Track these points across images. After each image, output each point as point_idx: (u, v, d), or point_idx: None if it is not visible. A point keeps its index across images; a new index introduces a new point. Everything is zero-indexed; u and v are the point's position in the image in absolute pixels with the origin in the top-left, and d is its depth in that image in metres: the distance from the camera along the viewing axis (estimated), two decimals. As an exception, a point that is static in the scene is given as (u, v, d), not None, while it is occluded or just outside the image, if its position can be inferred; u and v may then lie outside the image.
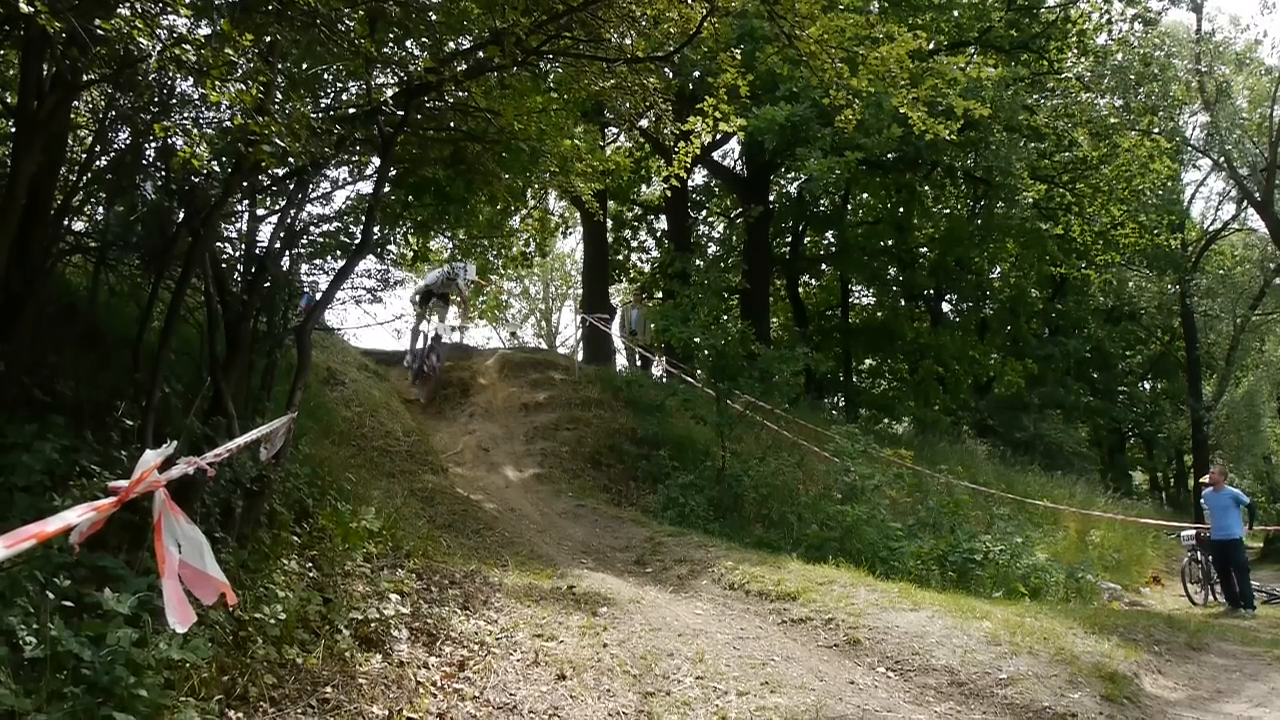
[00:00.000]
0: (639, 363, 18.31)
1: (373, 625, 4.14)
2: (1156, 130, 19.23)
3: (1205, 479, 13.55)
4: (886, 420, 24.76)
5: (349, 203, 7.50)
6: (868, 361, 28.08)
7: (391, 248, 9.34)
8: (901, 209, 23.99)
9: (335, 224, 7.05)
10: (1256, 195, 19.80)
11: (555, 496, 9.60)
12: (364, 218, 6.26)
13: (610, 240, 24.09)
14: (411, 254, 14.71)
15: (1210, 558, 12.95)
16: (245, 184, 5.24)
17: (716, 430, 10.65)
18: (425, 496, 7.33)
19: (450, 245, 18.73)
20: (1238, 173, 20.53)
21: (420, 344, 13.30)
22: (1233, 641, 7.65)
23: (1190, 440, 27.67)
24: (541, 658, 4.32)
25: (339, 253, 6.65)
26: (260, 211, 5.82)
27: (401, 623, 4.21)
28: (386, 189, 6.74)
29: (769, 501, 9.97)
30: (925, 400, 24.54)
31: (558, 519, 8.75)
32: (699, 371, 14.17)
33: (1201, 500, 13.00)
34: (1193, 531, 13.81)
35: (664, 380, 16.57)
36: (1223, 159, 20.76)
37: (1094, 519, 13.96)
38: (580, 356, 19.64)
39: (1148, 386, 29.95)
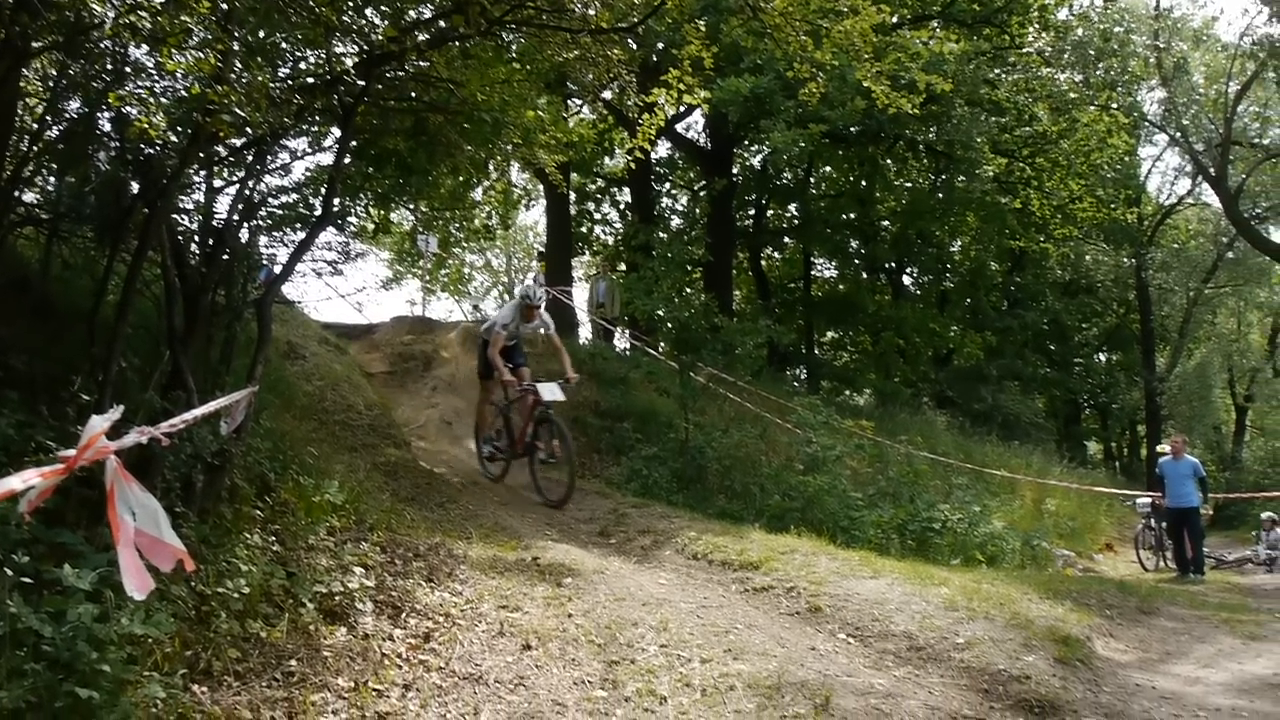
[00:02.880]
0: (605, 335, 18.30)
1: (337, 598, 4.14)
2: (1115, 105, 19.46)
3: (1163, 447, 13.90)
4: (848, 392, 25.05)
5: (309, 174, 7.39)
6: (830, 334, 28.32)
7: (352, 220, 9.23)
8: (864, 182, 24.13)
9: (295, 196, 6.96)
10: (1211, 170, 20.13)
11: (518, 469, 9.61)
12: (324, 189, 6.19)
13: (574, 213, 23.98)
14: (373, 226, 14.55)
15: (1163, 525, 13.32)
16: (203, 155, 5.16)
17: (680, 402, 10.72)
18: (388, 470, 7.31)
19: (412, 217, 18.57)
20: (1193, 148, 20.84)
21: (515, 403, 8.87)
22: (1182, 605, 7.89)
23: (1144, 411, 28.27)
24: (507, 628, 4.35)
25: (299, 225, 6.57)
26: (218, 183, 5.72)
27: (366, 595, 4.22)
28: (347, 160, 6.65)
29: (732, 472, 10.08)
30: (886, 372, 24.85)
31: (522, 491, 8.78)
32: (662, 344, 14.21)
33: (1158, 468, 13.32)
34: (1148, 499, 14.17)
35: (628, 353, 16.58)
36: (1179, 134, 21.05)
37: (1050, 488, 14.26)
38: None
39: (1103, 358, 30.47)
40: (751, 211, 25.34)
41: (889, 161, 23.07)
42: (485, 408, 9.31)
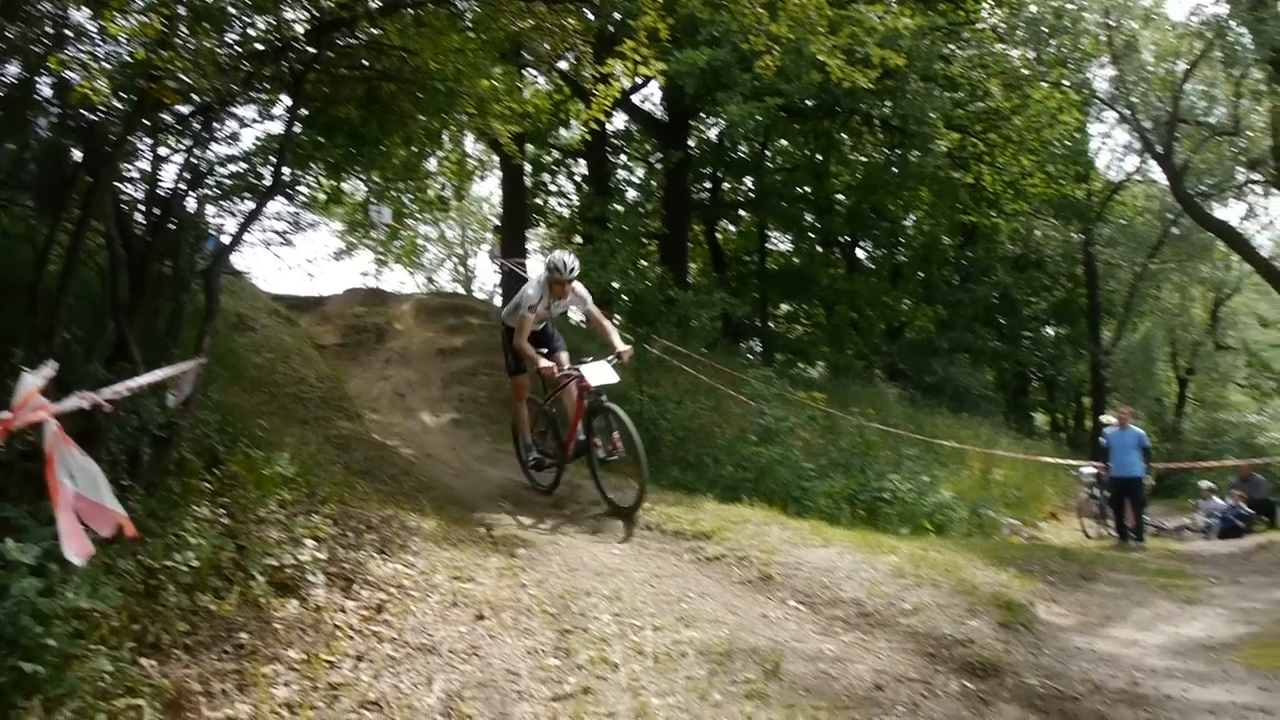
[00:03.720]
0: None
1: (288, 571, 4.12)
2: (1066, 83, 19.70)
3: (1108, 418, 14.25)
4: (802, 364, 25.27)
5: (259, 143, 7.27)
6: (784, 306, 28.50)
7: (303, 190, 9.09)
8: (819, 156, 24.22)
9: (244, 165, 6.84)
10: (1158, 148, 20.49)
11: (473, 441, 9.60)
12: (274, 158, 6.09)
13: (529, 185, 23.81)
14: (325, 197, 14.33)
15: (1107, 494, 13.69)
16: (148, 122, 5.04)
17: (634, 374, 10.75)
18: (340, 443, 7.26)
19: (364, 188, 18.32)
20: (1141, 126, 21.19)
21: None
22: (1122, 571, 8.14)
23: (1089, 383, 28.91)
24: (460, 599, 4.37)
25: (248, 194, 6.46)
26: (164, 151, 5.60)
27: (317, 568, 4.20)
28: (297, 129, 6.55)
29: (686, 444, 10.16)
30: (839, 345, 25.11)
31: (475, 463, 8.77)
32: (617, 316, 14.22)
33: (1103, 438, 13.66)
34: (1093, 469, 14.54)
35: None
36: (1128, 112, 21.38)
37: (997, 458, 14.55)
38: (498, 300, 19.48)
39: (1051, 332, 31.02)
40: (707, 184, 25.35)
41: (844, 136, 23.17)
42: (521, 408, 7.94)
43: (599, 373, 7.04)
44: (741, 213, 26.90)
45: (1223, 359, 32.09)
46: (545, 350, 7.49)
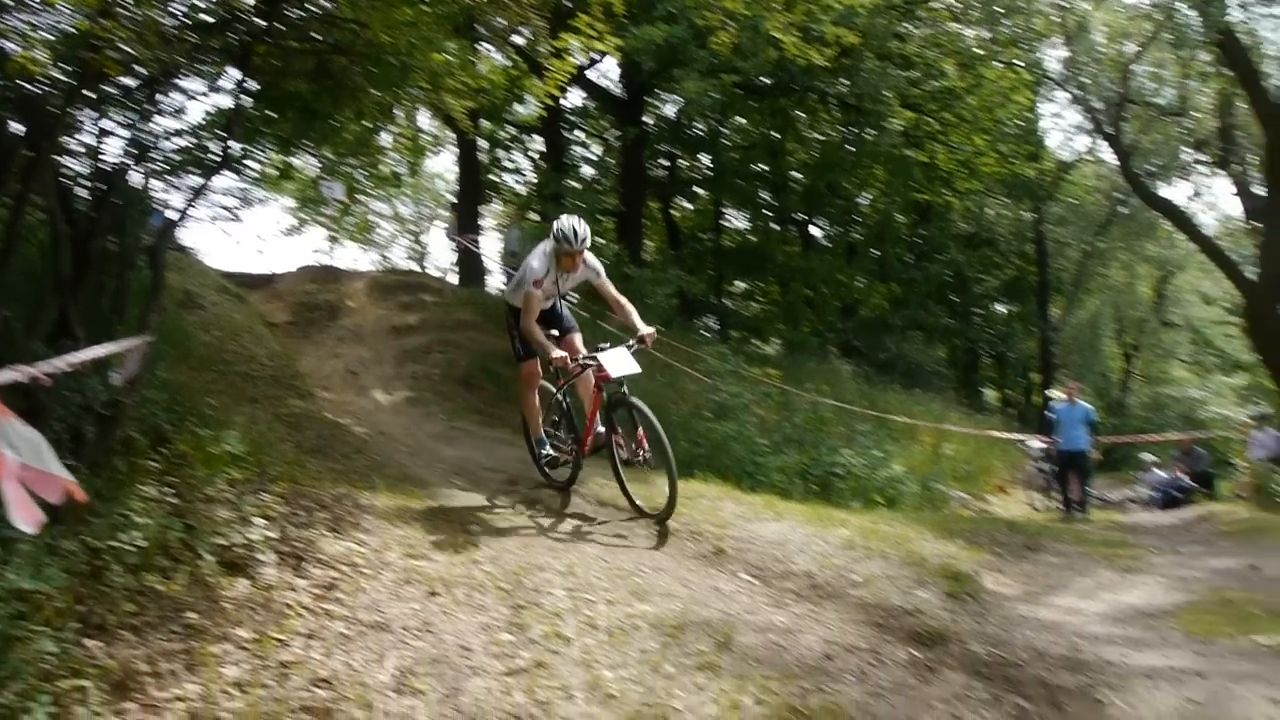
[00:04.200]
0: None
1: (238, 550, 4.08)
2: (1019, 62, 19.90)
3: (1056, 393, 14.55)
4: (757, 341, 25.42)
5: (207, 118, 7.11)
6: (740, 284, 28.61)
7: (252, 165, 8.91)
8: (776, 134, 24.27)
9: (191, 139, 6.69)
10: (1108, 128, 20.80)
11: (427, 419, 9.55)
12: (222, 133, 5.97)
13: (484, 160, 23.59)
14: (275, 172, 14.06)
15: (1054, 467, 14.00)
16: (91, 94, 4.91)
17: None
18: (291, 421, 7.18)
19: (316, 163, 18.03)
20: (1092, 106, 21.47)
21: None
22: (1066, 542, 8.34)
23: (1038, 359, 29.46)
24: (413, 576, 4.36)
25: (195, 169, 6.33)
26: (108, 124, 5.46)
27: (268, 547, 4.18)
28: (246, 102, 6.42)
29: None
30: (795, 322, 25.27)
31: (429, 441, 8.73)
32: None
33: (1050, 412, 13.96)
34: (1041, 444, 14.85)
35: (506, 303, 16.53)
36: (1079, 92, 21.65)
37: (948, 433, 14.79)
38: (453, 278, 19.34)
39: (1002, 309, 31.50)
40: (664, 162, 25.30)
41: (801, 114, 23.23)
42: (531, 397, 6.95)
43: (618, 361, 6.25)
44: (698, 190, 26.89)
45: (1167, 336, 32.86)
46: (554, 333, 6.66)
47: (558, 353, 6.21)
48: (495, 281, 19.12)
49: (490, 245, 22.49)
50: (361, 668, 3.53)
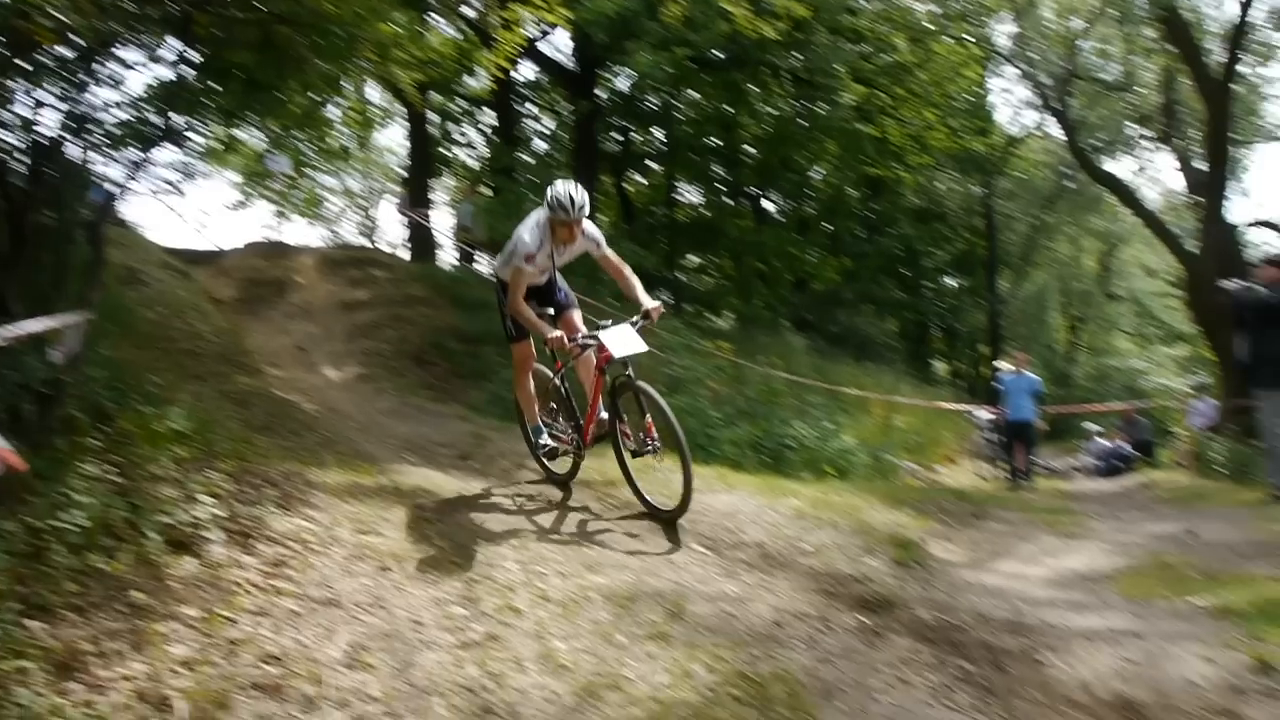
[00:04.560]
0: (468, 259, 18.05)
1: (184, 528, 4.03)
2: (969, 38, 20.10)
3: (1003, 364, 14.83)
4: (710, 314, 25.50)
5: (148, 90, 6.92)
6: (693, 258, 28.63)
7: (195, 137, 8.71)
8: (729, 108, 24.24)
9: (130, 111, 6.52)
10: (1055, 103, 21.08)
11: (378, 395, 9.47)
12: (162, 105, 5.83)
13: (434, 134, 23.30)
14: (219, 145, 13.76)
15: (1001, 437, 14.31)
16: (23, 64, 4.77)
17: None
18: (239, 399, 7.07)
19: (262, 136, 17.68)
20: (1040, 81, 21.74)
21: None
22: (1012, 510, 8.53)
23: (987, 332, 29.97)
24: (364, 552, 4.34)
25: (135, 142, 6.17)
26: (43, 95, 5.30)
27: (215, 525, 4.12)
28: (188, 73, 6.27)
29: (595, 395, 10.20)
30: (747, 295, 25.36)
31: (380, 417, 8.66)
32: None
33: (998, 383, 14.23)
34: (989, 414, 15.15)
35: (494, 277, 16.45)
36: (1027, 67, 21.89)
37: (898, 405, 15.00)
38: (404, 253, 19.15)
39: (951, 282, 31.92)
40: (617, 135, 25.16)
41: (753, 88, 23.23)
42: (525, 382, 6.38)
43: (622, 340, 5.66)
44: (651, 164, 26.80)
45: (1111, 308, 33.59)
46: (550, 310, 6.16)
47: (554, 333, 5.71)
48: (447, 256, 18.95)
49: (442, 220, 22.28)
50: (312, 644, 3.52)
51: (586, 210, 5.74)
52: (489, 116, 24.13)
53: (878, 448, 11.37)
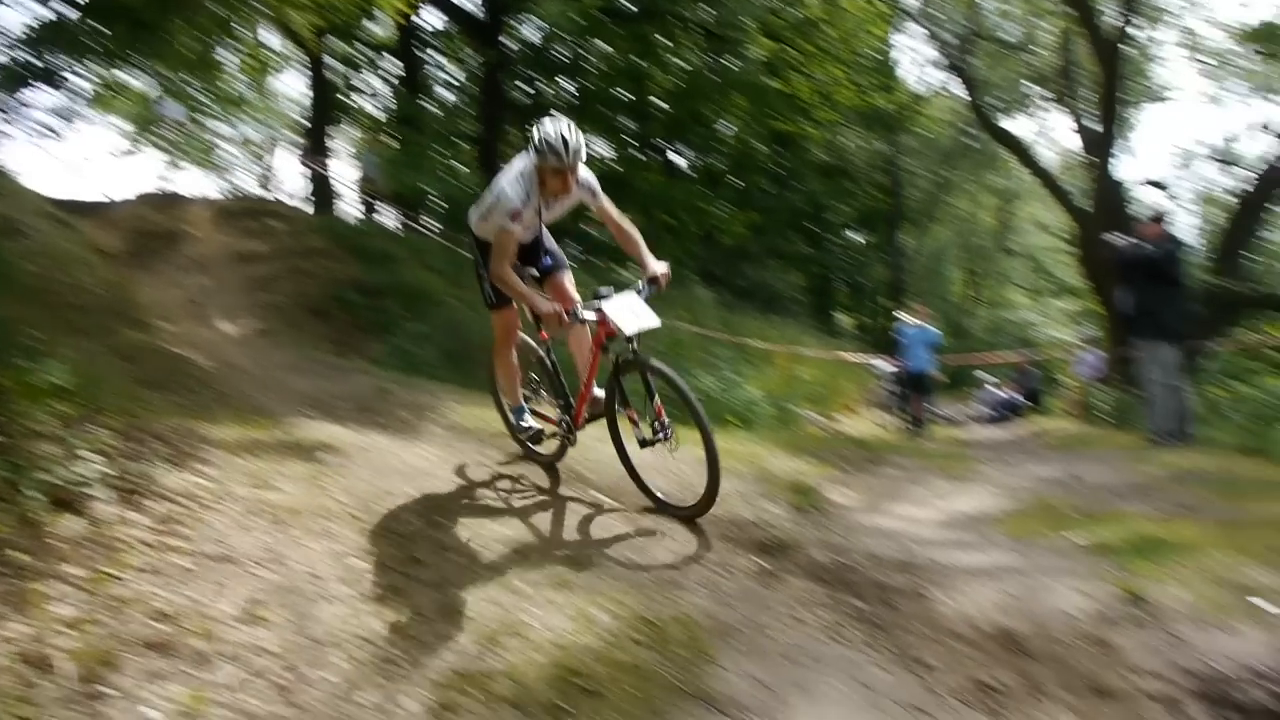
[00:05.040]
0: (369, 210, 17.66)
1: (68, 487, 3.89)
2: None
3: (903, 316, 15.26)
4: (619, 268, 25.49)
5: (28, 32, 6.54)
6: (601, 212, 28.52)
7: (76, 80, 8.28)
8: (639, 61, 24.05)
9: (4, 52, 6.16)
10: (958, 63, 21.51)
11: (277, 350, 9.24)
12: (41, 45, 5.52)
13: (335, 82, 22.56)
14: (104, 89, 13.08)
15: (901, 387, 14.78)
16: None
17: (448, 279, 10.61)
18: (127, 354, 6.81)
19: (152, 81, 16.87)
20: (945, 40, 22.14)
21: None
22: (907, 457, 8.84)
23: (889, 285, 30.74)
24: (260, 508, 4.26)
25: (11, 84, 5.84)
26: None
27: (101, 482, 3.99)
28: (69, 13, 5.94)
29: (501, 349, 10.15)
30: (656, 249, 25.41)
31: (279, 372, 8.46)
32: (423, 217, 13.87)
33: (898, 336, 14.65)
34: (889, 365, 15.60)
35: (400, 230, 16.13)
36: (932, 26, 22.26)
37: (802, 356, 15.31)
38: (304, 204, 18.63)
39: (856, 237, 32.54)
40: (525, 87, 24.74)
41: (663, 40, 23.07)
42: (508, 357, 5.66)
43: (630, 312, 4.93)
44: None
45: (1007, 262, 34.77)
46: (533, 273, 5.43)
47: (549, 305, 4.94)
48: (349, 208, 18.48)
49: (344, 170, 21.68)
50: (205, 600, 3.46)
51: (583, 154, 4.94)
52: (393, 65, 23.47)
53: (781, 398, 11.59)
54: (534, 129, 4.94)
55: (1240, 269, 17.70)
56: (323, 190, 20.32)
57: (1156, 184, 21.39)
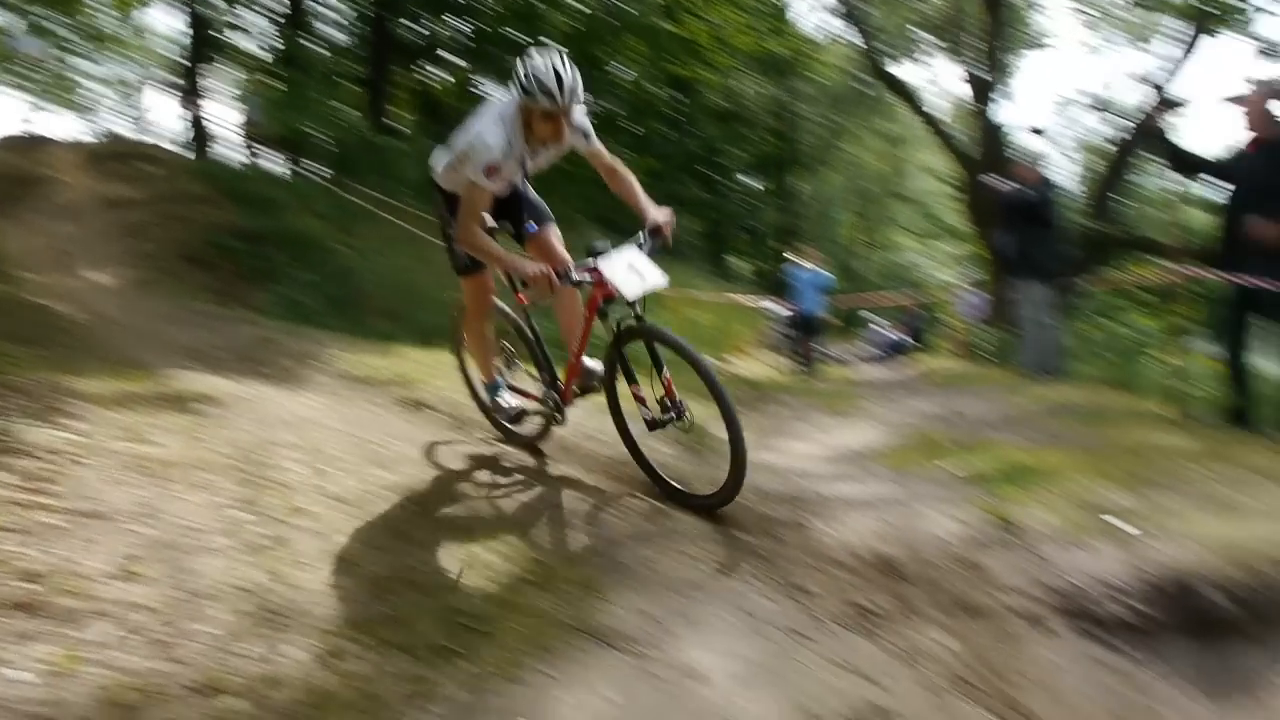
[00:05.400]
0: (252, 154, 16.99)
1: (-80, 446, 3.69)
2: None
3: (794, 259, 15.55)
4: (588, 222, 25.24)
5: None
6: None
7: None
8: (534, 1, 23.57)
9: None
10: (854, 9, 21.72)
11: (152, 300, 8.88)
12: None
13: (213, 19, 21.47)
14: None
15: (793, 329, 15.13)
16: None
17: (336, 225, 10.33)
18: (-14, 306, 6.47)
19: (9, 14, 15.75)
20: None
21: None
22: (796, 396, 9.09)
23: (783, 230, 31.23)
24: (134, 462, 4.11)
25: None
26: None
27: (-43, 440, 3.80)
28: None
29: (391, 295, 9.98)
30: (553, 195, 25.18)
31: (155, 323, 8.12)
32: (304, 160, 13.40)
33: (790, 279, 14.95)
34: (780, 308, 15.92)
35: (290, 176, 15.59)
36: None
37: (697, 301, 15.49)
38: (182, 148, 17.82)
39: (752, 182, 32.85)
40: (415, 26, 23.99)
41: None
42: (482, 326, 5.07)
43: (632, 271, 4.31)
44: (453, 58, 25.81)
45: (897, 207, 35.67)
46: (512, 229, 4.86)
47: (535, 267, 4.28)
48: (231, 152, 17.72)
49: (225, 113, 20.75)
50: (76, 558, 3.33)
51: (581, 94, 4.26)
52: (276, 1, 22.43)
53: (674, 341, 11.72)
54: (519, 62, 4.22)
55: (1113, 213, 18.52)
56: (202, 133, 19.41)
57: (1036, 130, 22.26)
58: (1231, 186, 7.37)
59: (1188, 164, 7.91)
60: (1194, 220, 12.85)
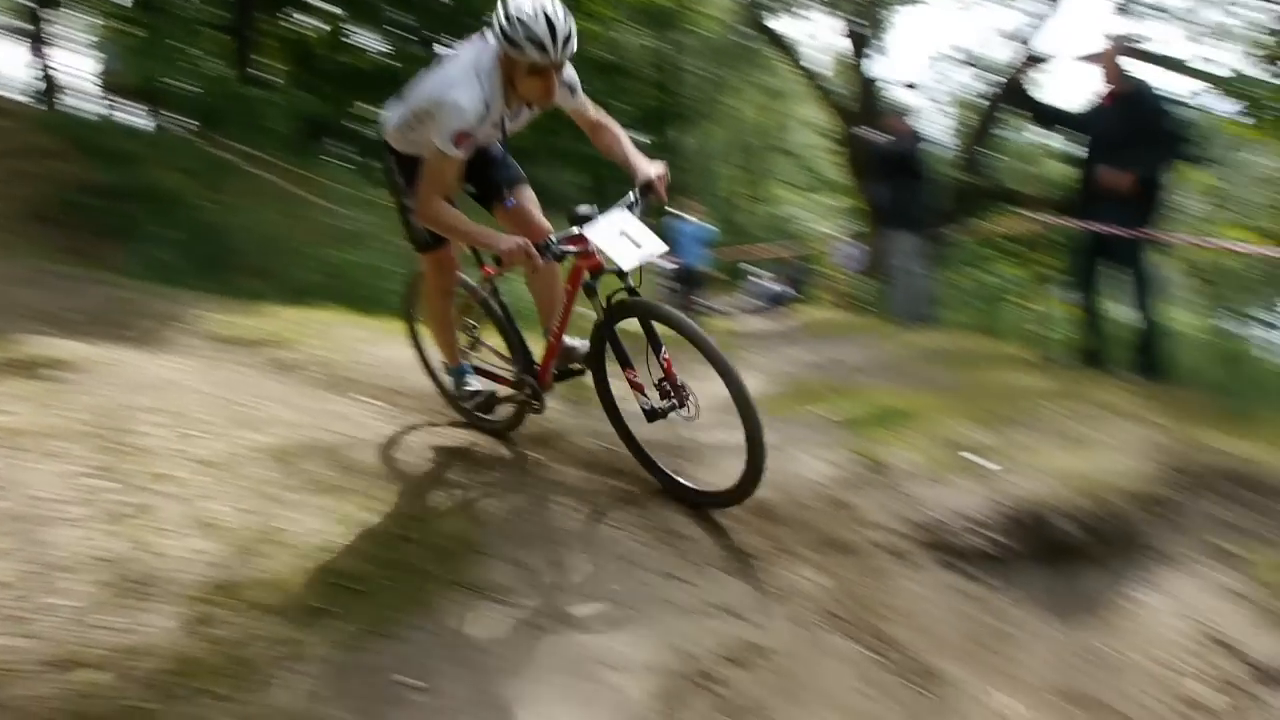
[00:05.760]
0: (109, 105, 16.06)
1: None
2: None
3: (677, 213, 15.70)
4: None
5: None
6: (367, 107, 27.37)
7: None
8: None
9: None
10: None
11: (2, 263, 8.34)
12: None
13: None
14: None
15: (679, 283, 15.33)
16: None
17: (201, 180, 9.89)
18: None
19: None
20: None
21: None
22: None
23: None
24: (-19, 433, 3.91)
25: None
26: None
27: None
28: None
29: (261, 253, 9.65)
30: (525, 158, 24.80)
31: (5, 286, 7.64)
32: (166, 112, 12.74)
33: (672, 231, 15.10)
34: (667, 261, 16.07)
35: (153, 129, 14.78)
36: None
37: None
38: (31, 100, 16.72)
39: (636, 136, 32.81)
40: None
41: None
42: (444, 306, 4.63)
43: (625, 238, 3.85)
44: (320, 6, 24.87)
45: (778, 160, 36.24)
46: (481, 193, 4.39)
47: (510, 241, 3.73)
48: (84, 104, 16.68)
49: (79, 62, 19.47)
50: (-81, 536, 3.17)
51: (575, 44, 3.73)
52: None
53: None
54: (500, 6, 3.65)
55: (982, 165, 19.22)
56: (53, 84, 18.18)
57: (911, 85, 22.88)
58: (1088, 138, 7.73)
59: (1048, 117, 8.29)
60: (1054, 172, 13.46)
